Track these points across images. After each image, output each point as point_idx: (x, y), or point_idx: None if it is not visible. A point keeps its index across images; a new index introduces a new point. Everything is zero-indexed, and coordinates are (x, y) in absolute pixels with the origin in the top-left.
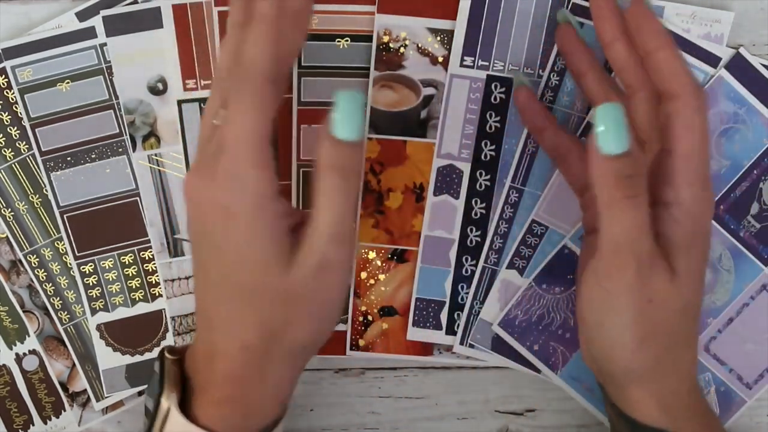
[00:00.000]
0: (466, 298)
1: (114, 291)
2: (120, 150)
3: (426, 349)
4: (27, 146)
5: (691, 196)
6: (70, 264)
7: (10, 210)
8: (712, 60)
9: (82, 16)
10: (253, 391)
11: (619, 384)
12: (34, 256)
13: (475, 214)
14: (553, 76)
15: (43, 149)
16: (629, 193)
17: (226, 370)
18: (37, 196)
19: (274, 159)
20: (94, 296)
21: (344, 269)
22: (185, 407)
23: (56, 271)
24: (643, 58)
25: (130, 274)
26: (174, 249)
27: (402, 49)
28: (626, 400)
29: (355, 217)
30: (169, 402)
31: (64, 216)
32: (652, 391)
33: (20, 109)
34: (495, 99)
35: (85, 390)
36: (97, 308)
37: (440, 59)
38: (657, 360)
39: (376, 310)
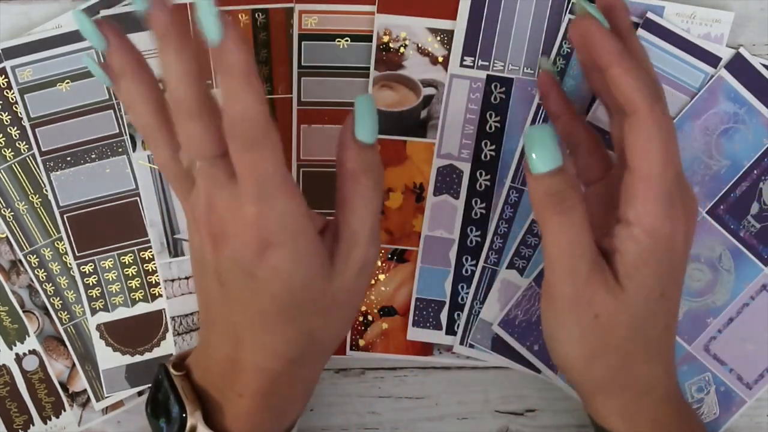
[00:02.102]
0: (466, 298)
1: (114, 291)
2: (120, 150)
3: (426, 349)
4: (27, 146)
5: (651, 215)
6: (70, 264)
7: (10, 210)
8: (712, 60)
9: None
10: (286, 397)
11: (582, 393)
12: (34, 256)
13: (475, 214)
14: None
15: (43, 149)
16: (559, 209)
17: (262, 383)
18: (37, 196)
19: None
20: (94, 296)
21: (374, 268)
22: (208, 421)
23: (56, 271)
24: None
25: (130, 274)
26: (174, 249)
27: (402, 49)
28: (592, 409)
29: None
30: (194, 419)
31: (64, 216)
32: (611, 402)
33: (20, 109)
34: (495, 99)
35: (85, 390)
36: (97, 308)
37: (440, 59)
38: (610, 374)
39: (376, 310)
